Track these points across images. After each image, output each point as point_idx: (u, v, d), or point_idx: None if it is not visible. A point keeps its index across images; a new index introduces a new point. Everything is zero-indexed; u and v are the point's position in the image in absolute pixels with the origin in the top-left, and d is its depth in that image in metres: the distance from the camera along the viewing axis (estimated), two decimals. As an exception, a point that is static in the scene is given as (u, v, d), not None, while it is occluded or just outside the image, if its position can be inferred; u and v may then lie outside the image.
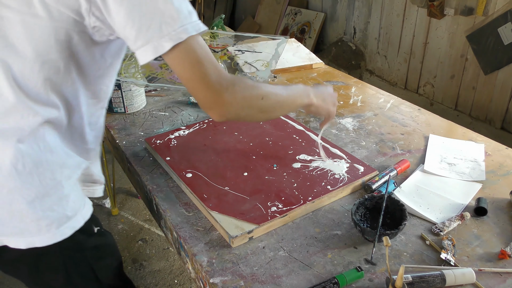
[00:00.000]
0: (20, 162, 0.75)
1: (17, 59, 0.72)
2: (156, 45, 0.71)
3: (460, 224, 0.93)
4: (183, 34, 0.71)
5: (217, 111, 0.79)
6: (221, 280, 0.81)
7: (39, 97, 0.76)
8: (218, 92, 0.76)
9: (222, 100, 0.77)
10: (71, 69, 0.77)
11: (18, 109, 0.74)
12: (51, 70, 0.75)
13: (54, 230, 0.81)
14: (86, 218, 0.87)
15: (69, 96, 0.81)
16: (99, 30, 0.75)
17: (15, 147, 0.75)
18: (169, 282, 2.00)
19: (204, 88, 0.76)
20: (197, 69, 0.74)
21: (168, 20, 0.70)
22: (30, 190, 0.77)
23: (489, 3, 2.27)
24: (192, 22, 0.73)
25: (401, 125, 1.33)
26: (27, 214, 0.78)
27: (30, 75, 0.74)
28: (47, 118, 0.77)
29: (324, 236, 0.91)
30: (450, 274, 0.78)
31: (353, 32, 3.32)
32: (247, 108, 0.83)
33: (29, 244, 0.80)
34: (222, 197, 0.99)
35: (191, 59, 0.74)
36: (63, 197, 0.81)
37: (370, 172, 1.07)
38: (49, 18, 0.71)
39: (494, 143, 1.23)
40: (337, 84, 1.62)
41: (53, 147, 0.80)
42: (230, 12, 4.59)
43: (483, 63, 2.41)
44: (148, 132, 1.31)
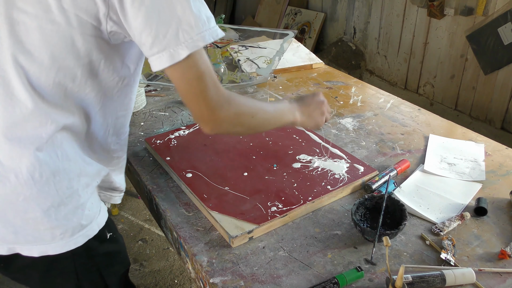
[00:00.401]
0: (38, 171, 0.75)
1: (33, 64, 0.71)
2: (172, 53, 0.70)
3: (460, 224, 0.93)
4: (200, 42, 0.71)
5: (210, 126, 0.80)
6: (221, 280, 0.81)
7: (56, 104, 0.75)
8: (213, 109, 0.77)
9: (216, 117, 0.78)
10: (90, 77, 0.76)
11: (35, 115, 0.73)
12: (67, 77, 0.74)
13: (68, 238, 0.80)
14: (101, 225, 0.86)
15: (87, 105, 0.80)
16: (115, 35, 0.74)
17: (33, 155, 0.74)
18: (169, 282, 2.00)
19: (201, 103, 0.76)
20: (197, 84, 0.74)
21: (186, 28, 0.70)
22: (46, 199, 0.76)
23: (489, 3, 2.27)
24: (210, 28, 0.73)
25: (401, 125, 1.33)
26: (42, 222, 0.77)
27: (46, 81, 0.73)
28: (64, 125, 0.77)
29: (324, 236, 0.91)
30: (450, 274, 0.78)
31: (353, 32, 3.32)
32: (238, 125, 0.85)
33: (42, 253, 0.80)
34: (222, 197, 0.99)
35: (193, 73, 0.73)
36: (79, 206, 0.81)
37: (370, 172, 1.07)
38: (67, 24, 0.70)
39: (494, 143, 1.23)
40: (337, 84, 1.62)
41: (71, 156, 0.79)
42: (230, 12, 4.59)
43: (483, 63, 2.41)
44: (148, 132, 1.31)
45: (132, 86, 0.87)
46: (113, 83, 0.81)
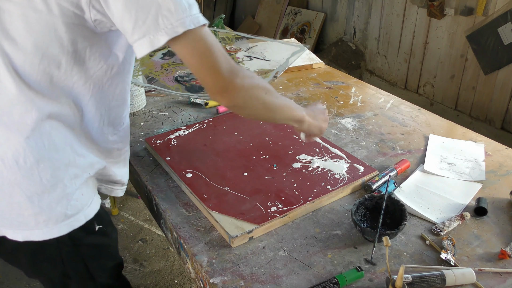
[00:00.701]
0: (22, 157, 0.76)
1: (17, 52, 0.72)
2: (152, 39, 0.70)
3: (460, 224, 0.93)
4: (180, 28, 0.70)
5: (227, 96, 0.80)
6: (221, 280, 0.81)
7: (42, 91, 0.76)
8: (229, 78, 0.77)
9: (232, 86, 0.78)
10: (75, 66, 0.77)
11: (20, 101, 0.74)
12: (52, 65, 0.75)
13: (52, 226, 0.81)
14: (88, 217, 0.87)
15: (76, 94, 0.80)
16: (101, 23, 0.74)
17: (18, 141, 0.76)
18: (169, 282, 2.00)
19: (215, 76, 0.76)
20: (208, 57, 0.75)
21: (165, 13, 0.69)
22: (29, 185, 0.78)
23: (489, 3, 2.27)
24: (191, 15, 0.72)
25: (401, 125, 1.33)
26: (26, 208, 0.79)
27: (30, 68, 0.74)
28: (50, 113, 0.77)
29: (324, 236, 0.91)
30: (450, 274, 0.78)
31: (353, 32, 3.32)
32: (254, 98, 0.84)
33: (25, 238, 0.82)
34: (222, 197, 0.99)
35: (201, 48, 0.74)
36: (64, 196, 0.81)
37: (370, 172, 1.07)
38: (48, 12, 0.70)
39: (494, 143, 1.23)
40: (337, 84, 1.62)
41: (60, 146, 0.80)
42: (230, 12, 4.59)
43: (483, 63, 2.41)
44: (148, 132, 1.31)
45: (124, 75, 0.87)
46: (102, 71, 0.81)
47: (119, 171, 0.97)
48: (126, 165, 1.01)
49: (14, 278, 2.01)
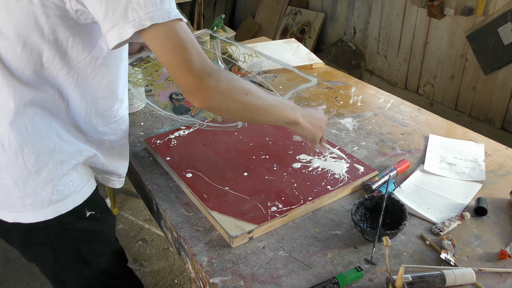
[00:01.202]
0: (7, 141, 0.79)
1: (1, 39, 0.74)
2: (120, 30, 0.70)
3: (460, 224, 0.93)
4: (147, 21, 0.69)
5: (199, 97, 0.75)
6: (221, 280, 0.81)
7: (25, 79, 0.77)
8: (201, 77, 0.73)
9: (204, 85, 0.74)
10: (57, 55, 0.78)
11: (4, 86, 0.76)
12: (34, 53, 0.76)
13: (38, 210, 0.84)
14: (76, 203, 0.88)
15: (60, 83, 0.81)
16: (83, 14, 0.75)
17: (2, 125, 0.78)
18: (169, 282, 2.00)
19: (186, 73, 0.73)
20: (179, 53, 0.72)
21: (135, 6, 0.69)
22: (14, 169, 0.80)
23: (489, 3, 2.27)
24: (162, 9, 0.71)
25: (401, 125, 1.33)
26: (13, 191, 0.82)
27: (13, 55, 0.75)
28: (34, 100, 0.79)
29: (324, 236, 0.91)
30: (450, 274, 0.78)
31: (353, 32, 3.32)
32: (230, 100, 0.80)
33: (14, 219, 0.84)
34: (222, 197, 0.99)
35: (172, 44, 0.72)
36: (49, 181, 0.83)
37: (370, 172, 1.07)
38: (28, 1, 0.72)
39: (494, 143, 1.23)
40: (337, 84, 1.62)
41: (44, 132, 0.81)
42: (230, 12, 4.59)
43: (483, 63, 2.41)
44: (148, 132, 1.31)
45: (110, 68, 0.87)
46: (85, 62, 0.82)
47: (114, 162, 0.98)
48: (123, 158, 1.01)
49: (14, 278, 2.01)
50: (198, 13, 4.16)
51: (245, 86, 0.82)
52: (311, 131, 0.98)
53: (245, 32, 4.19)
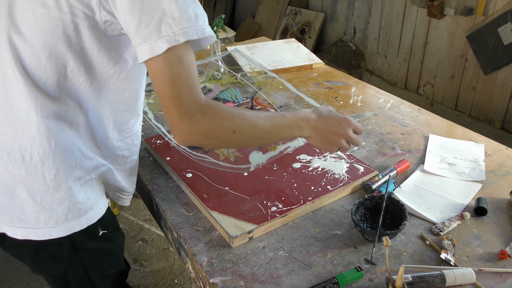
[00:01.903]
0: (28, 153, 0.77)
1: (25, 47, 0.73)
2: (153, 45, 0.68)
3: (460, 224, 0.93)
4: (182, 37, 0.68)
5: (178, 136, 0.74)
6: (221, 280, 0.81)
7: (47, 90, 0.75)
8: (182, 118, 0.72)
9: (183, 127, 0.72)
10: (82, 66, 0.76)
11: (27, 97, 0.74)
12: (59, 63, 0.74)
13: (52, 226, 0.81)
14: (91, 222, 0.86)
15: (82, 95, 0.79)
16: (111, 25, 0.73)
17: (25, 137, 0.76)
18: (169, 282, 2.00)
19: (171, 110, 0.71)
20: (170, 88, 0.70)
21: (169, 21, 0.68)
22: (33, 182, 0.78)
23: (489, 3, 2.27)
24: (196, 26, 0.70)
25: (401, 125, 1.33)
26: (28, 205, 0.79)
27: (37, 65, 0.74)
28: (56, 114, 0.77)
29: (324, 236, 0.91)
30: (450, 274, 0.78)
31: (353, 32, 3.32)
32: (213, 138, 0.77)
33: (25, 236, 0.82)
34: (222, 197, 0.99)
35: (168, 75, 0.70)
36: (67, 198, 0.81)
37: (370, 172, 1.07)
38: (57, 9, 0.70)
39: (494, 143, 1.23)
40: (337, 84, 1.62)
41: (67, 147, 0.79)
42: (230, 12, 4.59)
43: (483, 63, 2.41)
44: (148, 132, 1.31)
45: (133, 82, 0.85)
46: (109, 75, 0.80)
47: (124, 179, 0.96)
48: (132, 174, 0.99)
49: (14, 278, 2.01)
50: (198, 13, 4.15)
51: (233, 125, 0.78)
52: (320, 145, 0.92)
53: (245, 32, 4.19)
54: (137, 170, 1.03)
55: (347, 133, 0.91)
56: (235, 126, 0.78)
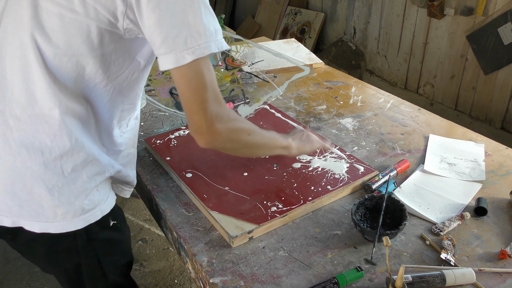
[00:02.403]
0: (48, 149, 0.79)
1: (49, 47, 0.75)
2: (178, 56, 0.73)
3: (460, 224, 0.93)
4: (206, 50, 0.74)
5: (206, 139, 0.82)
6: (221, 280, 0.81)
7: (67, 89, 0.78)
8: (212, 121, 0.79)
9: (213, 130, 0.80)
10: (100, 68, 0.79)
11: (49, 94, 0.77)
12: (79, 64, 0.77)
13: (69, 219, 0.84)
14: (104, 212, 0.89)
15: (95, 96, 0.83)
16: (130, 31, 0.77)
17: (46, 133, 0.79)
18: (169, 282, 2.00)
19: (200, 114, 0.78)
20: (200, 93, 0.77)
21: (194, 35, 0.73)
22: (51, 177, 0.80)
23: (489, 3, 2.27)
24: (216, 40, 0.76)
25: (401, 125, 1.33)
26: (46, 200, 0.81)
27: (59, 64, 0.76)
28: (73, 110, 0.80)
29: (324, 236, 0.91)
30: (450, 274, 0.78)
31: (353, 32, 3.32)
32: (234, 141, 0.88)
33: (43, 229, 0.84)
34: (222, 197, 0.99)
35: (197, 82, 0.76)
36: (83, 191, 0.84)
37: (370, 172, 1.07)
38: (85, 14, 0.73)
39: (494, 143, 1.23)
40: (337, 84, 1.62)
41: (85, 143, 0.82)
42: (230, 12, 4.59)
43: (483, 63, 2.41)
44: (148, 132, 1.31)
45: (140, 81, 0.90)
46: (123, 76, 0.84)
47: (130, 172, 0.99)
48: (132, 168, 1.01)
49: (14, 278, 2.01)
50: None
51: (248, 127, 0.90)
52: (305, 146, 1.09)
53: (245, 32, 4.19)
54: (136, 162, 1.04)
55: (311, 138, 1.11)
56: (250, 129, 0.90)
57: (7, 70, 0.78)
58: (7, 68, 0.78)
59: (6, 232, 0.86)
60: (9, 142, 0.80)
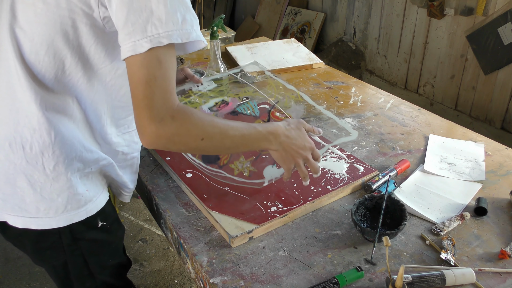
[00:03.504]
0: (28, 143, 0.78)
1: (25, 40, 0.75)
2: (136, 44, 0.69)
3: (460, 224, 0.93)
4: (165, 40, 0.69)
5: (145, 138, 0.73)
6: (221, 280, 0.81)
7: (45, 83, 0.77)
8: (151, 120, 0.70)
9: (151, 130, 0.71)
10: (80, 62, 0.78)
11: (27, 88, 0.76)
12: (56, 58, 0.76)
13: (52, 216, 0.83)
14: (90, 213, 0.87)
15: (80, 91, 0.81)
16: (109, 21, 0.74)
17: (26, 128, 0.78)
18: (169, 282, 2.00)
19: (141, 111, 0.71)
20: (144, 88, 0.70)
21: (156, 22, 0.68)
22: (33, 173, 0.80)
23: (489, 3, 2.27)
24: (182, 29, 0.70)
25: (401, 125, 1.33)
26: (28, 194, 0.81)
27: (35, 58, 0.75)
28: (55, 107, 0.79)
29: (324, 236, 0.91)
30: (450, 274, 0.78)
31: (353, 32, 3.32)
32: (180, 144, 0.76)
33: (25, 225, 0.83)
34: (222, 197, 0.99)
35: (148, 73, 0.70)
36: (66, 189, 0.82)
37: (370, 172, 1.07)
38: (56, 5, 0.72)
39: (494, 143, 1.23)
40: (337, 84, 1.62)
41: (68, 140, 0.81)
42: (230, 12, 4.59)
43: (483, 63, 2.41)
44: (148, 132, 1.30)
45: None
46: (106, 71, 0.81)
47: (125, 176, 0.97)
48: (133, 172, 1.00)
49: (14, 278, 2.01)
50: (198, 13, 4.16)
51: (203, 132, 0.77)
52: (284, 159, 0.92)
53: (245, 32, 4.19)
54: (138, 168, 1.03)
55: (307, 155, 0.92)
56: (204, 133, 0.77)
57: None
58: None
59: None
60: None
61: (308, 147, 0.92)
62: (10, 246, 2.15)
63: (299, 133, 0.92)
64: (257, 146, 0.88)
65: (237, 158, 1.04)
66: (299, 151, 0.91)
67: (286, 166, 0.93)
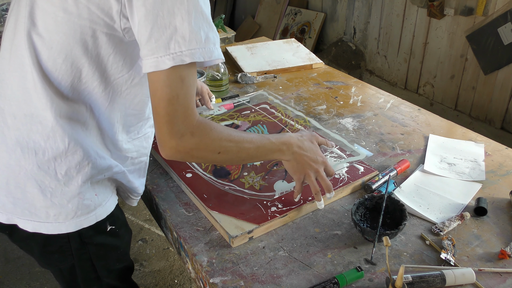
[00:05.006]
0: (41, 150, 0.78)
1: (43, 47, 0.75)
2: (158, 60, 0.70)
3: (460, 224, 0.93)
4: (188, 58, 0.70)
5: (165, 152, 0.77)
6: (221, 280, 0.81)
7: (61, 90, 0.77)
8: (172, 136, 0.74)
9: (171, 144, 0.75)
10: (97, 71, 0.78)
11: (43, 95, 0.76)
12: (74, 66, 0.76)
13: (62, 221, 0.83)
14: (99, 218, 0.87)
15: (95, 99, 0.81)
16: (129, 31, 0.75)
17: (40, 134, 0.78)
18: (169, 282, 2.00)
19: (163, 126, 0.74)
20: (166, 105, 0.72)
21: (179, 39, 0.69)
22: (44, 178, 0.80)
23: (489, 3, 2.27)
24: (205, 48, 0.71)
25: (401, 125, 1.33)
26: (38, 200, 0.81)
27: (53, 66, 0.75)
28: (69, 113, 0.79)
29: (324, 236, 0.91)
30: (450, 274, 0.78)
31: (353, 32, 3.32)
32: (198, 158, 0.81)
33: (35, 229, 0.83)
34: (222, 197, 0.99)
35: (170, 91, 0.72)
36: (76, 194, 0.82)
37: (370, 172, 1.07)
38: (77, 14, 0.72)
39: (494, 143, 1.23)
40: (337, 84, 1.62)
41: (82, 146, 0.80)
42: (230, 12, 4.59)
43: (483, 63, 2.41)
44: (148, 132, 1.31)
45: (143, 87, 0.87)
46: (122, 80, 0.82)
47: (135, 181, 0.97)
48: (141, 176, 1.00)
49: (14, 278, 2.01)
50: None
51: (220, 146, 0.81)
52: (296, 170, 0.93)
53: (245, 32, 4.19)
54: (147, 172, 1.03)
55: (319, 169, 0.93)
56: (221, 148, 0.81)
57: (7, 68, 0.78)
58: (7, 66, 0.78)
59: (4, 227, 0.86)
60: (6, 140, 0.80)
61: (320, 161, 0.94)
62: (10, 246, 2.15)
63: (311, 145, 0.95)
64: (271, 157, 0.91)
65: (248, 174, 1.05)
66: (310, 163, 0.92)
67: (297, 177, 0.94)
